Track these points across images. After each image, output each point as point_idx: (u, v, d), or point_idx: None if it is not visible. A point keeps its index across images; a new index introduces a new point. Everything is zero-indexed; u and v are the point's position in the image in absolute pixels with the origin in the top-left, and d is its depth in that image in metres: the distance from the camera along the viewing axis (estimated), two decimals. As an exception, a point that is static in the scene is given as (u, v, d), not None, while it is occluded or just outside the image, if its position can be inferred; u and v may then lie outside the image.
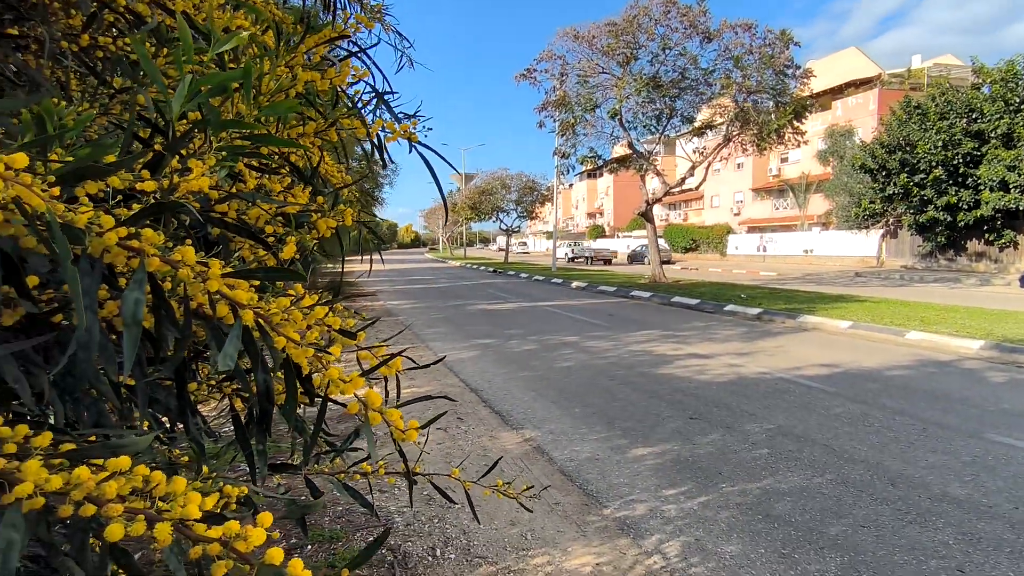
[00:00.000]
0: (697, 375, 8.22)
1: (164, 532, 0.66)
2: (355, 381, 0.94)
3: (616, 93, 19.39)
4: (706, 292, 18.38)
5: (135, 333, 0.79)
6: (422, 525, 4.16)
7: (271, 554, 0.70)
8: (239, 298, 0.94)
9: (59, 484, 0.69)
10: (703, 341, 10.93)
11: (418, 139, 1.64)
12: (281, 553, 0.70)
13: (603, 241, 61.81)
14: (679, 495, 4.47)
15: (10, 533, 0.63)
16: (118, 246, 0.92)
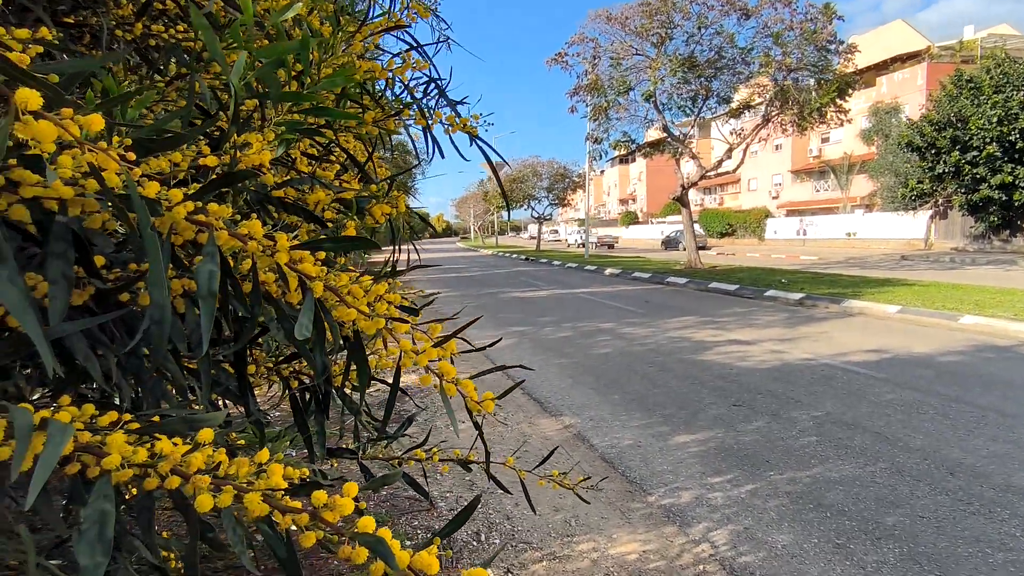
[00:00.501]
0: (739, 361, 8.04)
1: (255, 502, 0.65)
2: (428, 351, 0.91)
3: (650, 75, 18.97)
4: (744, 277, 17.96)
5: (211, 305, 0.77)
6: (465, 509, 4.18)
7: (363, 523, 0.68)
8: (308, 271, 0.92)
9: (145, 456, 0.68)
10: (743, 327, 10.69)
11: (477, 132, 1.61)
12: (372, 521, 0.68)
13: (634, 228, 61.01)
14: (725, 483, 4.38)
15: (103, 504, 0.62)
16: (186, 220, 0.91)
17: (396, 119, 1.54)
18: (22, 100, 0.62)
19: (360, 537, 0.66)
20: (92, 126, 0.66)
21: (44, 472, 0.58)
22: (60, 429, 0.63)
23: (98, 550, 0.60)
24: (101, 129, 0.66)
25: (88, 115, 0.67)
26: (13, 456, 0.59)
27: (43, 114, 0.64)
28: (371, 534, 0.67)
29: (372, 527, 0.68)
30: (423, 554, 0.70)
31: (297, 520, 0.67)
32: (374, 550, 0.66)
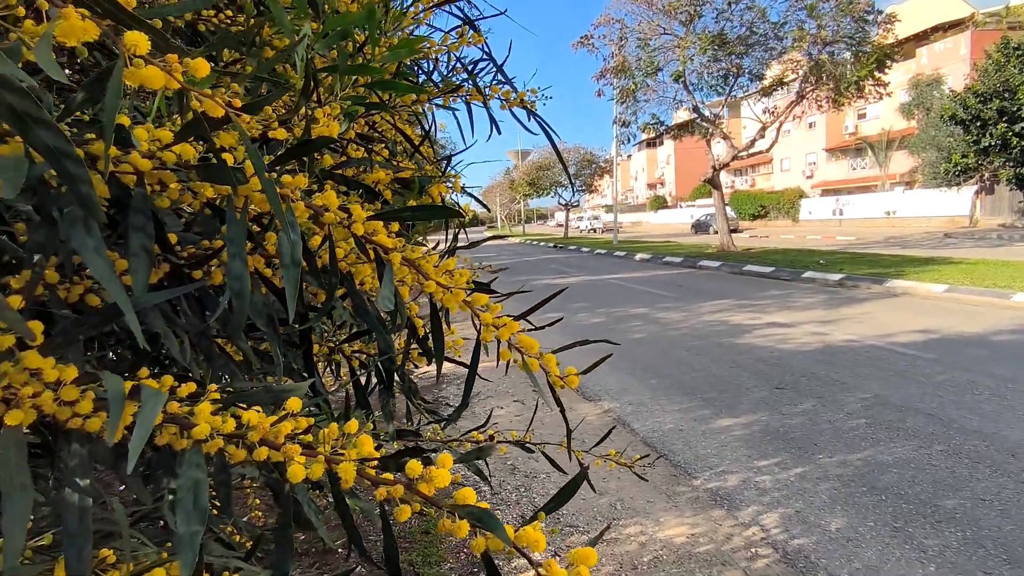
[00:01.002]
0: (779, 344, 7.86)
1: (350, 472, 0.63)
2: (510, 324, 0.88)
3: (679, 54, 18.53)
4: (780, 259, 17.53)
5: (294, 274, 0.75)
6: (509, 494, 4.19)
7: (463, 494, 0.65)
8: (384, 242, 0.89)
9: (233, 427, 0.67)
10: (782, 309, 10.44)
11: (535, 107, 1.56)
12: (473, 493, 0.66)
13: (663, 212, 60.11)
14: (773, 466, 4.29)
15: (196, 473, 0.61)
16: (262, 192, 0.89)
17: (452, 96, 1.50)
18: (131, 44, 0.60)
19: (463, 509, 0.63)
20: (198, 71, 0.63)
21: (142, 436, 0.56)
22: (153, 395, 0.62)
23: (194, 518, 0.59)
24: (206, 75, 0.64)
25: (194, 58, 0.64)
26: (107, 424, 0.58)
27: (150, 60, 0.62)
28: (476, 506, 0.64)
29: (473, 498, 0.65)
30: (529, 529, 0.67)
31: (392, 492, 0.65)
32: (481, 522, 0.63)
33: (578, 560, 0.70)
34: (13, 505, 0.58)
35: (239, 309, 0.84)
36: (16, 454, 0.65)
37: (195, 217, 1.19)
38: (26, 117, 0.56)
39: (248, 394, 0.75)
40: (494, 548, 0.67)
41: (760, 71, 19.96)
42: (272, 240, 1.08)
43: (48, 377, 0.74)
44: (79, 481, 0.65)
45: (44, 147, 0.58)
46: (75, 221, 0.78)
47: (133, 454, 0.57)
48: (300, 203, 0.86)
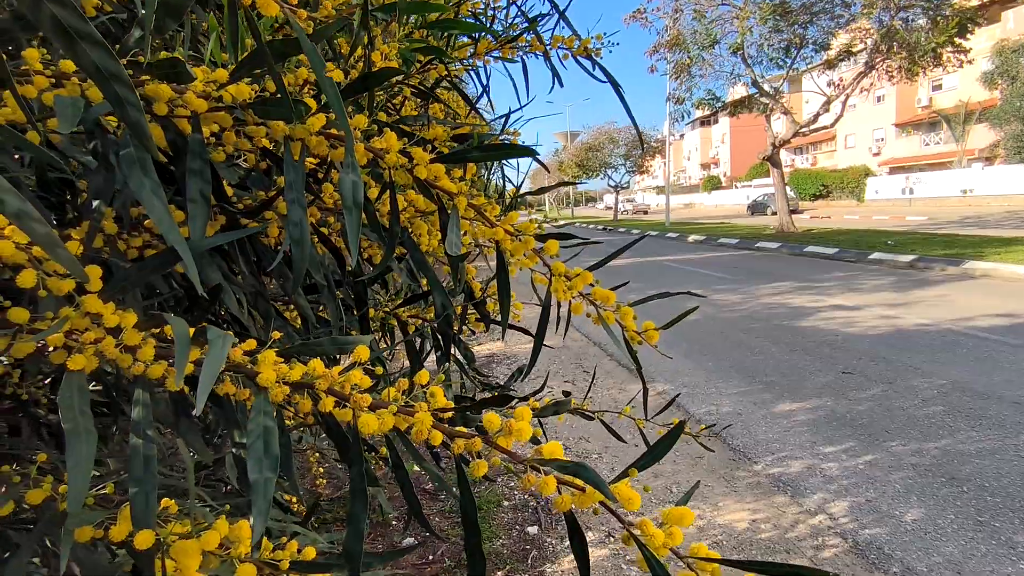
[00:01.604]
0: (844, 327, 7.46)
1: (425, 422, 0.57)
2: (584, 275, 0.81)
3: (738, 25, 17.69)
4: (844, 240, 16.67)
5: (356, 217, 0.70)
6: (561, 473, 4.14)
7: (550, 448, 0.59)
8: (447, 187, 0.83)
9: (299, 375, 0.62)
10: (847, 292, 9.92)
11: (600, 54, 1.46)
12: (560, 447, 0.59)
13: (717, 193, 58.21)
14: (840, 453, 4.07)
15: (265, 420, 0.57)
16: (319, 134, 0.84)
17: (511, 47, 1.42)
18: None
19: (553, 463, 0.57)
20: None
21: (211, 375, 0.53)
22: (219, 337, 0.58)
23: (266, 464, 0.55)
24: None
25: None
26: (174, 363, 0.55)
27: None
28: (568, 460, 0.58)
29: (561, 452, 0.59)
30: (622, 486, 0.60)
31: (469, 446, 0.59)
32: (577, 476, 0.57)
33: (671, 520, 0.63)
34: (78, 448, 0.55)
35: (299, 259, 0.80)
36: (79, 398, 0.63)
37: (250, 172, 1.17)
38: (72, 31, 0.51)
39: (313, 344, 0.71)
40: (580, 505, 0.61)
41: (825, 41, 18.82)
42: (329, 191, 1.03)
43: (109, 322, 0.72)
44: (143, 427, 0.62)
45: (91, 67, 0.54)
46: (131, 162, 0.75)
47: (202, 393, 0.53)
48: (360, 144, 0.81)
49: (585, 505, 0.62)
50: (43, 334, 0.65)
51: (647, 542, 0.62)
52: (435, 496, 3.88)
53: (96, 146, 0.82)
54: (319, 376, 0.63)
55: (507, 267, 0.86)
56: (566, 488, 0.62)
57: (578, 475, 0.58)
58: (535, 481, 0.58)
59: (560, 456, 0.59)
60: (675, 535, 0.62)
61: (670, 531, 0.62)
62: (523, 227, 0.83)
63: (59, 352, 0.73)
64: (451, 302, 1.19)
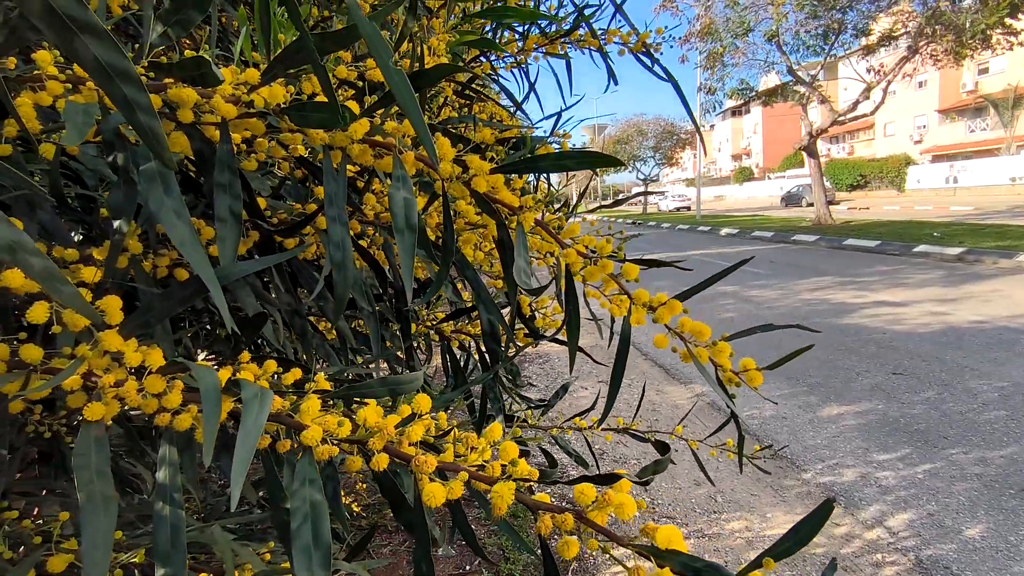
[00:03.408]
0: (891, 325, 7.14)
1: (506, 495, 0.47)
2: (671, 305, 0.69)
3: (773, 12, 17.12)
4: (886, 232, 16.06)
5: (410, 240, 0.60)
6: (599, 479, 4.02)
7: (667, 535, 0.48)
8: (508, 200, 0.72)
9: (349, 431, 0.52)
10: (892, 287, 9.51)
11: (660, 49, 1.33)
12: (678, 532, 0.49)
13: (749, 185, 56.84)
14: (896, 461, 3.85)
15: (312, 494, 0.47)
16: (362, 142, 0.74)
17: (561, 41, 1.30)
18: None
19: (676, 558, 0.46)
20: None
21: (247, 450, 0.43)
22: (256, 395, 0.48)
23: (316, 560, 0.46)
24: None
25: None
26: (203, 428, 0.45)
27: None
28: (691, 555, 0.47)
29: (680, 540, 0.48)
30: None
31: (560, 523, 0.48)
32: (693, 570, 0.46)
33: None
34: (95, 522, 0.47)
35: (341, 284, 0.70)
36: (97, 457, 0.54)
37: (284, 181, 1.07)
38: (68, 20, 0.42)
39: (362, 386, 0.61)
40: None
41: (865, 26, 18.11)
42: (371, 202, 0.93)
43: (131, 361, 0.63)
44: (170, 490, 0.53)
45: (93, 63, 0.44)
46: (151, 178, 0.65)
47: (237, 478, 0.44)
48: (409, 154, 0.70)
49: None
50: (58, 378, 0.56)
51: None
52: (467, 502, 3.81)
53: (115, 158, 0.73)
54: (374, 432, 0.53)
55: (576, 297, 0.75)
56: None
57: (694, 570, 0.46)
58: (645, 572, 0.47)
59: (679, 544, 0.48)
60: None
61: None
62: (599, 248, 0.71)
63: (77, 395, 0.65)
64: (502, 317, 1.08)
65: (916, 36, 17.47)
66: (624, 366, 0.76)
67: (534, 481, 0.51)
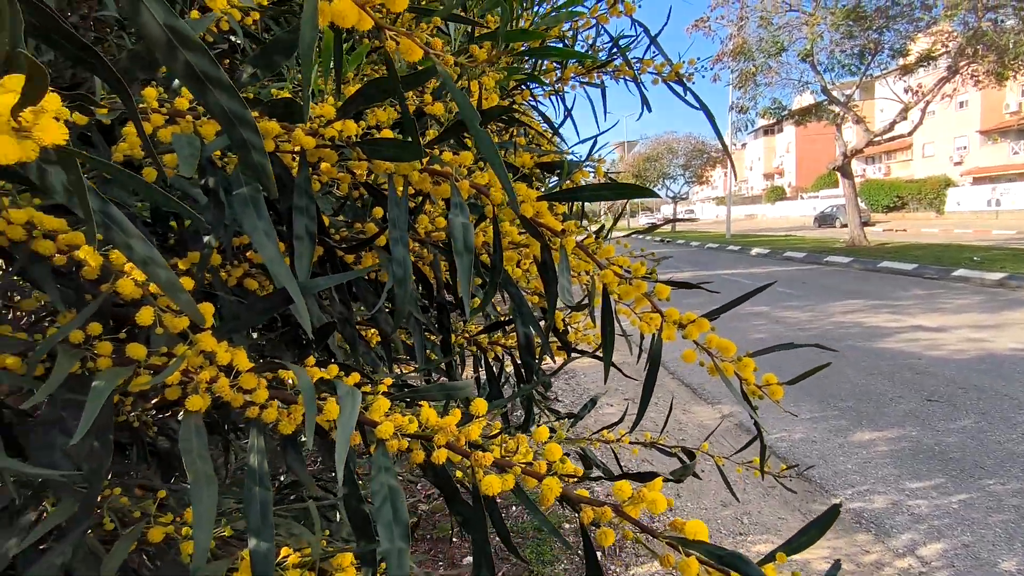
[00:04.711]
0: (927, 351, 6.97)
1: (554, 488, 0.54)
2: (699, 323, 0.75)
3: (807, 32, 17.04)
4: (924, 255, 15.68)
5: (468, 262, 0.68)
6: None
7: (694, 528, 0.54)
8: (551, 224, 0.80)
9: (416, 427, 0.60)
10: (929, 312, 9.29)
11: (692, 79, 1.40)
12: (704, 526, 0.55)
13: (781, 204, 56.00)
14: (929, 489, 3.77)
15: (389, 479, 0.55)
16: (423, 171, 0.82)
17: (599, 71, 1.38)
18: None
19: (702, 548, 0.52)
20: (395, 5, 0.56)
21: (345, 440, 0.51)
22: (350, 393, 0.57)
23: (397, 533, 0.53)
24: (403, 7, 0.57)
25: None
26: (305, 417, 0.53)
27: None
28: (722, 548, 0.53)
29: (706, 533, 0.54)
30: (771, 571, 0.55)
31: (599, 515, 0.55)
32: (737, 569, 0.52)
33: None
34: (200, 497, 0.55)
35: (402, 298, 0.78)
36: (197, 442, 0.63)
37: (344, 202, 1.17)
38: (204, 77, 0.51)
39: (422, 390, 0.69)
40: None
41: (903, 46, 17.87)
42: (424, 223, 1.02)
43: (221, 360, 0.72)
44: (259, 474, 0.61)
45: (219, 110, 0.53)
46: (244, 203, 0.75)
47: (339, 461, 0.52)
48: (465, 182, 0.79)
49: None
50: (164, 372, 0.66)
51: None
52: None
53: (207, 181, 0.83)
54: (437, 429, 0.61)
55: (612, 314, 0.82)
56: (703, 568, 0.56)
57: (736, 568, 0.52)
58: (674, 562, 0.53)
59: (704, 536, 0.54)
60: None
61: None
62: (634, 269, 0.78)
63: (173, 389, 0.74)
64: (540, 329, 1.15)
65: (956, 56, 17.17)
66: (655, 377, 0.82)
67: (578, 478, 0.58)
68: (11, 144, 0.37)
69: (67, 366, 0.64)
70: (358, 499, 0.64)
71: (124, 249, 0.54)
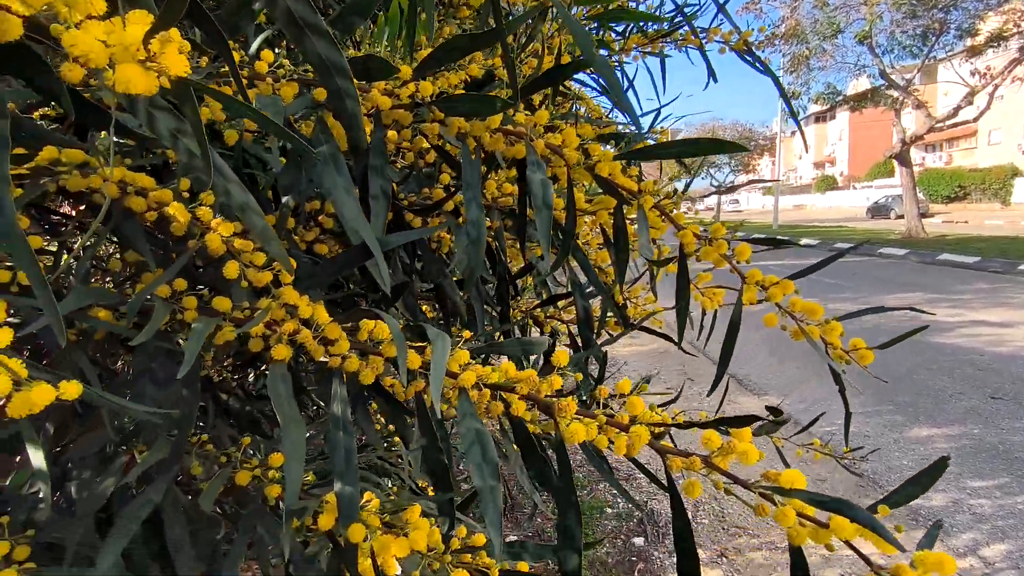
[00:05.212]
0: (991, 347, 6.63)
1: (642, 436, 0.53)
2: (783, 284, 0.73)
3: (866, 12, 16.24)
4: (988, 248, 14.85)
5: (548, 217, 0.67)
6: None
7: (791, 477, 0.53)
8: (627, 185, 0.78)
9: (498, 378, 0.60)
10: (992, 306, 8.81)
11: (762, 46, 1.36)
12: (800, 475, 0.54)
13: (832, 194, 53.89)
14: (992, 489, 3.60)
15: (475, 424, 0.55)
16: (497, 131, 0.82)
17: (663, 40, 1.35)
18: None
19: (803, 496, 0.51)
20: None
21: (440, 374, 0.52)
22: (439, 335, 0.57)
23: (487, 471, 0.54)
24: None
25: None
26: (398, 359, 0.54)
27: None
28: (823, 495, 0.52)
29: (802, 481, 0.53)
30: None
31: (688, 464, 0.54)
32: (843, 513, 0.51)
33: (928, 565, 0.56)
34: (291, 439, 0.57)
35: (475, 258, 0.79)
36: (284, 388, 0.65)
37: (409, 172, 1.18)
38: (303, 23, 0.52)
39: (499, 344, 0.69)
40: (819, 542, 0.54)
41: (971, 25, 16.84)
42: (491, 188, 1.02)
43: (303, 314, 0.74)
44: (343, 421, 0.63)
45: (315, 57, 0.54)
46: (325, 160, 0.76)
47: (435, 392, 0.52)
48: (540, 141, 0.78)
49: (825, 541, 0.55)
50: (249, 324, 0.68)
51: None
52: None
53: (285, 145, 0.85)
54: (519, 380, 0.61)
55: (688, 275, 0.80)
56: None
57: (842, 512, 0.51)
58: (769, 511, 0.52)
59: (802, 484, 0.53)
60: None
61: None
62: (714, 230, 0.76)
63: (256, 341, 0.76)
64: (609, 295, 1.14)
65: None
66: (735, 339, 0.80)
67: (666, 425, 0.57)
68: (139, 74, 0.38)
69: (163, 313, 0.67)
70: (437, 449, 0.65)
71: (223, 194, 0.56)
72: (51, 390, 0.46)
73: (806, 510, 0.53)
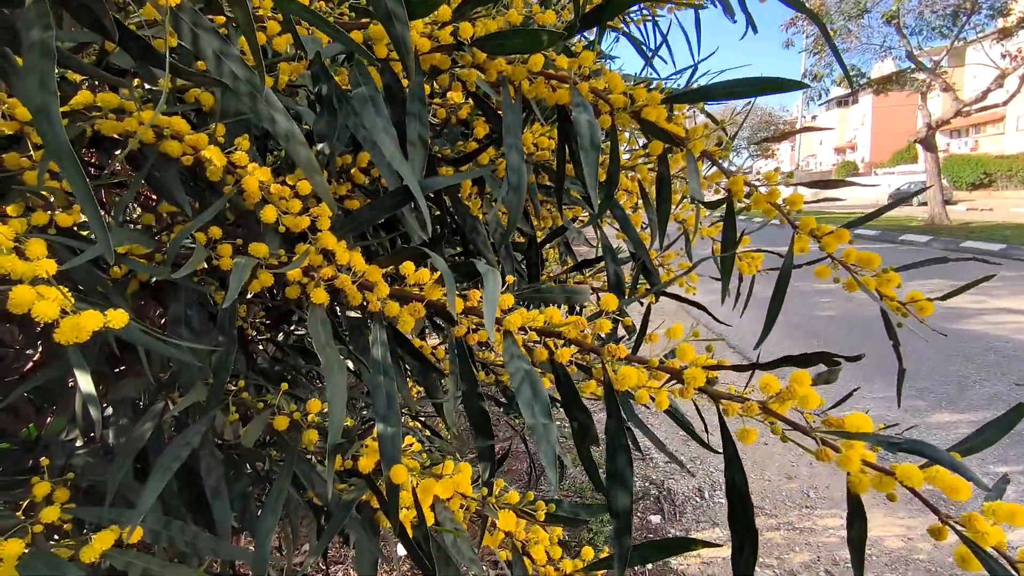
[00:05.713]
0: (1016, 334, 6.50)
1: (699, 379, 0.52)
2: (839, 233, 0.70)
3: (894, -9, 15.78)
4: (1013, 235, 14.52)
5: (594, 158, 0.65)
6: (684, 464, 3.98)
7: (857, 420, 0.51)
8: (676, 131, 0.75)
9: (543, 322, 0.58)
10: (1018, 294, 8.63)
11: None
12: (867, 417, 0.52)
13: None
14: (1018, 475, 3.54)
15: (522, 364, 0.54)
16: (538, 75, 0.79)
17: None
18: None
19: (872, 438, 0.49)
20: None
21: (493, 307, 0.50)
22: (490, 271, 0.55)
23: (538, 409, 0.53)
24: None
25: None
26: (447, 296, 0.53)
27: None
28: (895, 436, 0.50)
29: (869, 425, 0.51)
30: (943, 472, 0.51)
31: (746, 409, 0.52)
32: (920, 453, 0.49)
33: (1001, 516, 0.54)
34: (333, 380, 0.55)
35: (515, 205, 0.76)
36: (324, 332, 0.63)
37: (442, 129, 1.16)
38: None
39: (545, 291, 0.67)
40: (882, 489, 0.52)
41: (1003, 5, 16.29)
42: (527, 141, 1.00)
43: (340, 259, 0.73)
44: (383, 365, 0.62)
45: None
46: (364, 101, 0.74)
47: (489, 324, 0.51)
48: (584, 84, 0.75)
49: (889, 489, 0.53)
50: (291, 264, 0.66)
51: (975, 539, 0.52)
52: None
53: (320, 89, 0.83)
54: (564, 324, 0.59)
55: (735, 221, 0.78)
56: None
57: (921, 454, 0.49)
58: (832, 457, 0.50)
59: (869, 427, 0.50)
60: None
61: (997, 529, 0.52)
62: (767, 176, 0.73)
63: (293, 287, 0.75)
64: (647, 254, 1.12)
65: (1066, 16, 15.54)
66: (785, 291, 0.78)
67: (721, 368, 0.55)
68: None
69: (202, 256, 0.65)
70: (477, 396, 0.64)
71: (268, 123, 0.54)
72: (99, 316, 0.45)
73: (868, 456, 0.51)
